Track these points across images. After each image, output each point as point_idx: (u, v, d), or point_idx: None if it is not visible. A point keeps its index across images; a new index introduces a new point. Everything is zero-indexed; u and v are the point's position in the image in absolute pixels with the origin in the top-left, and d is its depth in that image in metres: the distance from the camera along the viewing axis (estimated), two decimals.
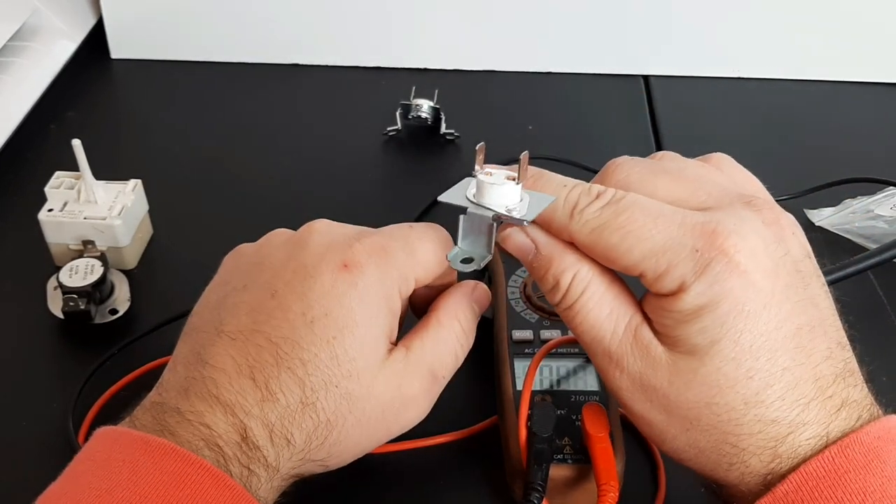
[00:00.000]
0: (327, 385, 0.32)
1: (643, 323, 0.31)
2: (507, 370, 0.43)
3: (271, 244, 0.37)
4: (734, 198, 0.31)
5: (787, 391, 0.29)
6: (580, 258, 0.32)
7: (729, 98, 0.73)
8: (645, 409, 0.31)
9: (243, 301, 0.34)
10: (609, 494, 0.37)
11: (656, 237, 0.30)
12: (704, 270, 0.29)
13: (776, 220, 0.31)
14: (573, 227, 0.31)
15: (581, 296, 0.32)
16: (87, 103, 0.70)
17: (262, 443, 0.32)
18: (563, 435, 0.40)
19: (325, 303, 0.33)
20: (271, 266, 0.35)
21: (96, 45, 0.75)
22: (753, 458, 0.30)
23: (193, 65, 0.75)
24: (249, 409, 0.32)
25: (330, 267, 0.34)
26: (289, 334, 0.33)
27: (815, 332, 0.30)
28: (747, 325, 0.29)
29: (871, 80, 0.74)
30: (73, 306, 0.48)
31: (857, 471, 0.28)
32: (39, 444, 0.43)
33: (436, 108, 0.65)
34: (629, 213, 0.30)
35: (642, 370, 0.31)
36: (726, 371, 0.29)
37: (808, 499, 0.28)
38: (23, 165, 0.63)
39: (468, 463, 0.43)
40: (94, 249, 0.51)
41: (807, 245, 0.32)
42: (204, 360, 0.33)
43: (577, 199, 0.32)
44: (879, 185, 0.57)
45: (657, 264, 0.29)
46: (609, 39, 0.73)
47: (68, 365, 0.48)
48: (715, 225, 0.29)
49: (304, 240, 0.36)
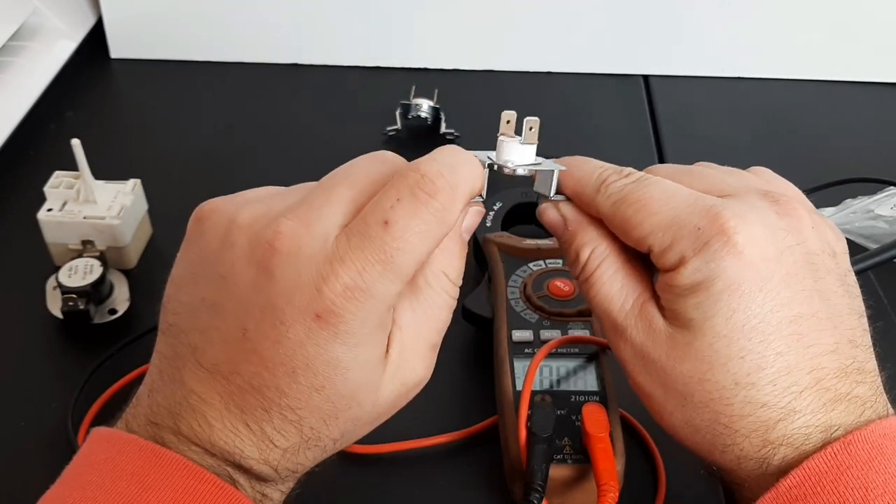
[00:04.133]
0: (327, 420, 0.30)
1: (650, 300, 0.33)
2: (507, 370, 0.43)
3: (235, 249, 0.30)
4: (753, 190, 0.32)
5: (779, 376, 0.30)
6: (600, 236, 0.34)
7: (729, 98, 0.73)
8: (646, 381, 0.33)
9: (215, 326, 0.30)
10: (609, 494, 0.37)
11: (666, 213, 0.31)
12: (703, 248, 0.30)
13: (793, 212, 0.31)
14: (599, 199, 0.33)
15: (596, 270, 0.34)
16: (86, 103, 0.70)
17: (266, 473, 0.31)
18: (563, 435, 0.40)
19: (304, 354, 0.29)
20: (236, 290, 0.30)
21: (96, 45, 0.75)
22: (745, 441, 0.30)
23: (193, 65, 0.75)
24: (247, 452, 0.30)
25: (302, 317, 0.29)
26: (270, 383, 0.29)
27: (820, 325, 0.30)
28: (740, 304, 0.30)
29: (871, 80, 0.74)
30: (72, 306, 0.48)
31: (860, 467, 0.28)
32: (39, 444, 0.43)
33: (436, 107, 0.65)
34: (648, 190, 0.32)
35: (643, 342, 0.32)
36: (718, 348, 0.30)
37: (810, 494, 0.28)
38: (22, 165, 0.63)
39: (468, 463, 0.43)
40: (93, 249, 0.51)
41: (836, 248, 0.32)
42: (187, 384, 0.30)
43: (607, 176, 0.33)
44: (880, 185, 0.57)
45: (662, 239, 0.31)
46: (609, 39, 0.73)
47: (67, 365, 0.48)
48: (721, 208, 0.30)
49: (269, 266, 0.29)
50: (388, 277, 0.29)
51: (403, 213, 0.29)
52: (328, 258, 0.29)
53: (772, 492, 0.29)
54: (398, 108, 0.66)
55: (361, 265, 0.29)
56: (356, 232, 0.29)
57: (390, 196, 0.29)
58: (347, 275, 0.29)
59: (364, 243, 0.29)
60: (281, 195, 0.32)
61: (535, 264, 0.49)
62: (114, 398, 0.45)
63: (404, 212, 0.29)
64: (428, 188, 0.29)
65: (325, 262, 0.29)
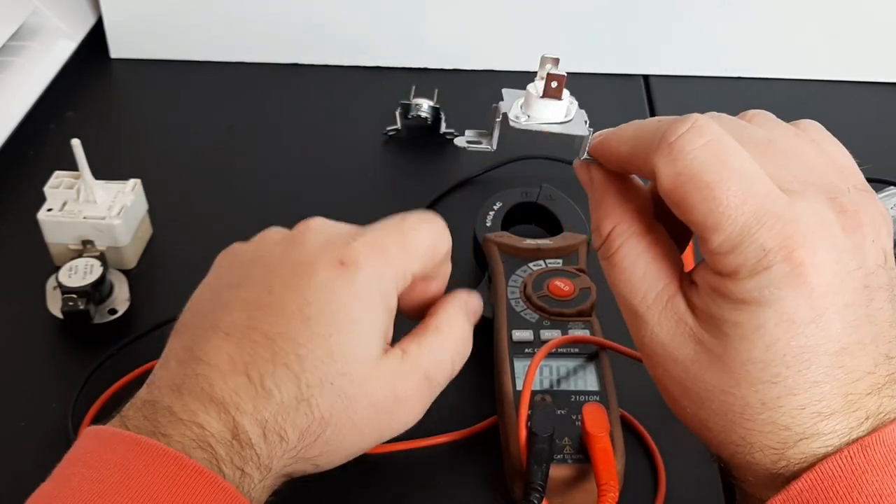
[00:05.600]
0: (322, 381, 0.32)
1: (678, 293, 0.30)
2: (507, 370, 0.43)
3: (267, 242, 0.37)
4: (820, 188, 0.29)
5: (810, 402, 0.28)
6: (624, 211, 0.32)
7: (729, 98, 0.73)
8: (663, 376, 0.31)
9: (238, 297, 0.34)
10: (609, 494, 0.37)
11: (737, 217, 0.27)
12: (764, 271, 0.27)
13: (858, 225, 0.28)
14: (660, 160, 0.29)
15: (617, 251, 0.31)
16: (86, 103, 0.70)
17: (254, 440, 0.31)
18: (563, 435, 0.40)
19: (322, 299, 0.33)
20: (267, 263, 0.35)
21: (96, 45, 0.75)
22: (759, 454, 0.29)
23: (193, 64, 0.75)
24: (243, 406, 0.31)
25: (327, 264, 0.34)
26: (285, 330, 0.33)
27: (864, 351, 0.28)
28: (786, 334, 0.28)
29: (871, 80, 0.74)
30: (72, 306, 0.48)
31: (876, 471, 0.27)
32: (39, 444, 0.43)
33: (436, 107, 0.65)
34: (724, 173, 0.28)
35: (666, 340, 0.30)
36: (750, 370, 0.28)
37: (822, 498, 0.27)
38: (22, 165, 0.63)
39: (468, 463, 0.43)
40: (93, 249, 0.51)
41: (886, 246, 0.29)
42: (198, 356, 0.33)
43: (675, 134, 0.29)
44: (879, 185, 0.57)
45: (724, 242, 0.28)
46: (609, 39, 0.73)
47: (67, 365, 0.48)
48: (793, 230, 0.27)
49: (301, 238, 0.36)
50: (401, 247, 0.36)
51: (421, 217, 0.38)
52: (356, 230, 0.36)
53: (782, 494, 0.28)
54: (398, 107, 0.66)
55: (381, 233, 0.36)
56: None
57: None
58: (371, 234, 0.36)
59: (382, 225, 0.37)
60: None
61: (535, 264, 0.49)
62: (114, 398, 0.45)
63: (416, 217, 0.38)
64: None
65: (352, 231, 0.36)
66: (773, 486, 0.29)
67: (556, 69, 0.32)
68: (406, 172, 0.64)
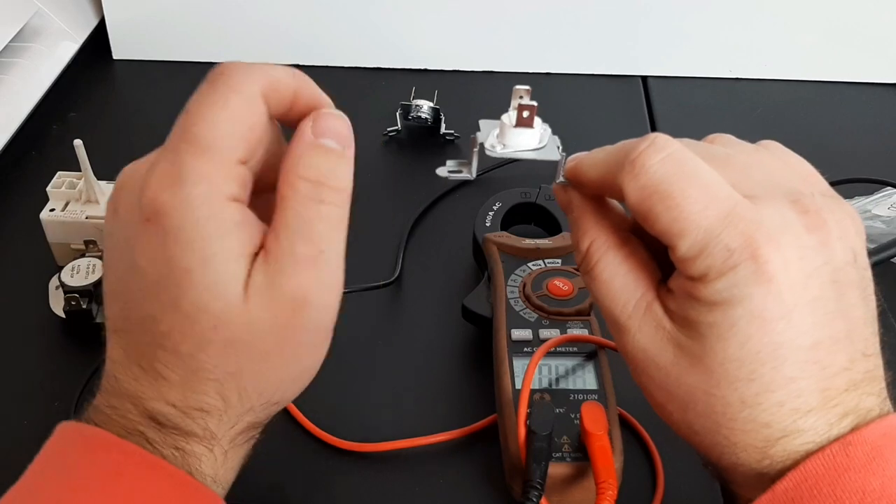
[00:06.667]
0: (201, 344, 0.30)
1: (656, 300, 0.31)
2: (507, 369, 0.43)
3: (108, 214, 0.33)
4: (782, 192, 0.30)
5: (789, 398, 0.29)
6: (599, 227, 0.33)
7: (727, 99, 0.73)
8: (648, 381, 0.32)
9: (106, 290, 0.32)
10: (608, 492, 0.37)
11: (700, 222, 0.28)
12: (731, 270, 0.28)
13: (822, 224, 0.29)
14: (625, 180, 0.30)
15: (596, 264, 0.32)
16: (89, 104, 0.71)
17: (178, 421, 0.31)
18: (562, 433, 0.40)
19: (150, 269, 0.30)
20: (109, 245, 0.32)
21: (98, 46, 0.75)
22: (744, 454, 0.30)
23: (195, 65, 0.75)
24: (149, 393, 0.31)
25: (137, 230, 0.30)
26: (144, 314, 0.30)
27: (837, 346, 0.29)
28: (758, 332, 0.28)
29: (870, 81, 0.74)
30: (74, 305, 0.48)
31: (858, 469, 0.28)
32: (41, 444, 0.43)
33: (436, 108, 0.65)
34: (684, 182, 0.29)
35: (647, 346, 0.31)
36: (728, 368, 0.29)
37: (807, 497, 0.28)
38: (25, 165, 0.63)
39: (467, 461, 0.44)
40: (95, 249, 0.51)
41: (856, 246, 0.30)
42: (107, 354, 0.32)
43: (638, 154, 0.29)
44: (877, 186, 0.57)
45: (690, 248, 0.29)
46: (608, 40, 0.73)
47: (70, 364, 0.48)
48: (755, 229, 0.28)
49: (113, 206, 0.32)
50: (194, 155, 0.29)
51: (196, 98, 0.30)
52: (148, 167, 0.30)
53: (768, 494, 0.29)
54: (398, 108, 0.66)
55: (171, 155, 0.30)
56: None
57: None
58: (160, 168, 0.30)
59: (170, 138, 0.30)
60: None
61: (534, 264, 0.49)
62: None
63: (197, 96, 0.30)
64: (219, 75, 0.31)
65: (147, 169, 0.30)
66: (760, 485, 0.29)
67: (526, 100, 0.33)
68: (406, 173, 0.64)
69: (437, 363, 0.49)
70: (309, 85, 0.34)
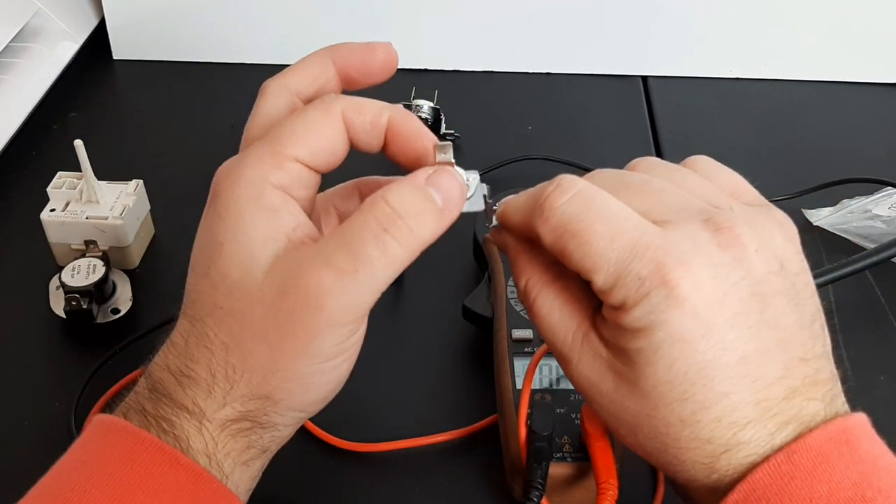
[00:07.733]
0: (212, 309, 0.32)
1: (591, 330, 0.32)
2: (507, 369, 0.43)
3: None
4: (694, 213, 0.30)
5: (725, 413, 0.29)
6: (533, 265, 0.33)
7: (727, 98, 0.73)
8: (598, 407, 0.32)
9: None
10: (608, 492, 0.37)
11: (609, 255, 0.29)
12: (644, 298, 0.29)
13: (736, 240, 0.29)
14: (539, 224, 0.31)
15: (534, 300, 0.33)
16: (89, 104, 0.71)
17: (171, 389, 0.32)
18: (563, 433, 0.40)
19: (202, 238, 0.33)
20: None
21: (98, 46, 0.75)
22: (693, 471, 0.30)
23: (195, 65, 0.75)
24: (157, 361, 0.33)
25: (207, 208, 0.34)
26: (189, 283, 0.33)
27: (767, 357, 0.29)
28: (682, 353, 0.29)
29: (870, 81, 0.74)
30: (75, 306, 0.48)
31: (804, 476, 0.28)
32: (41, 444, 0.44)
33: (436, 108, 0.65)
34: (590, 219, 0.30)
35: (589, 374, 0.32)
36: (662, 391, 0.29)
37: None
38: (25, 166, 0.63)
39: (468, 461, 0.44)
40: (96, 249, 0.51)
41: (783, 253, 0.30)
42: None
43: (546, 198, 0.31)
44: (877, 185, 0.57)
45: (605, 281, 0.30)
46: (608, 40, 0.73)
47: (70, 364, 0.48)
48: (663, 255, 0.29)
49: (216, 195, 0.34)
50: (257, 147, 0.34)
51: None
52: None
53: None
54: None
55: (243, 153, 0.34)
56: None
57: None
58: (234, 156, 0.34)
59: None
60: None
61: None
62: (116, 397, 0.45)
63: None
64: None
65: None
66: (714, 499, 0.30)
67: (444, 155, 0.34)
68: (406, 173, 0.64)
69: (437, 363, 0.49)
70: (411, 119, 0.37)
